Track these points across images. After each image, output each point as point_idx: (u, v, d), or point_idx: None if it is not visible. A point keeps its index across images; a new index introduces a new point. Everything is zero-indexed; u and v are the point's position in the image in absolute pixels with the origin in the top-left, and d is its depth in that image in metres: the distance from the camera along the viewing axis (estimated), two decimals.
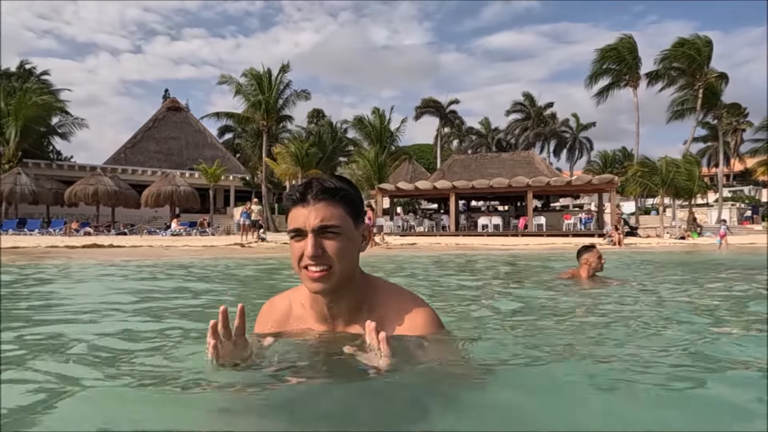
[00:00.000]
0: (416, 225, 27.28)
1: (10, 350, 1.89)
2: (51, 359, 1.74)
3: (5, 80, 29.66)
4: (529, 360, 1.67)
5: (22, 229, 23.50)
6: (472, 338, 1.89)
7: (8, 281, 5.23)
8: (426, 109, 49.06)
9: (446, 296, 4.15)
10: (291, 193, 1.38)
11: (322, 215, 1.33)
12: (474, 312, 3.07)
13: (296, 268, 1.38)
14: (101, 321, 2.65)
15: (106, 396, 1.32)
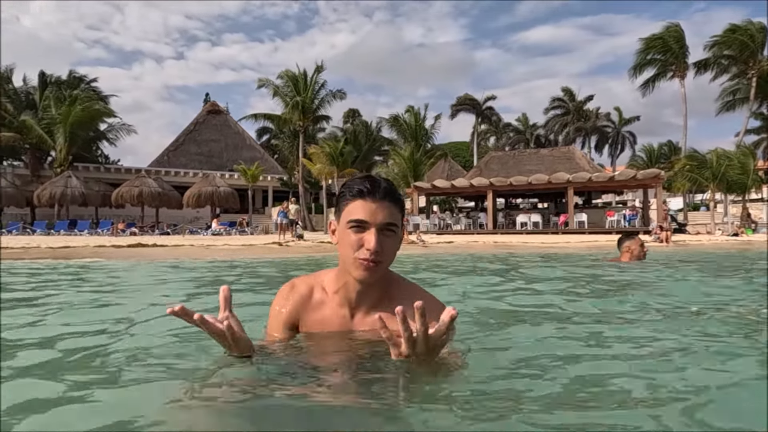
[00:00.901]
0: (453, 223, 26.96)
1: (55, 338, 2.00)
2: (93, 347, 1.82)
3: (56, 88, 31.08)
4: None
5: (73, 229, 24.58)
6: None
7: (61, 277, 5.45)
8: (462, 107, 48.53)
9: (481, 290, 3.99)
10: (355, 186, 1.48)
11: (388, 214, 1.46)
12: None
13: (347, 257, 1.48)
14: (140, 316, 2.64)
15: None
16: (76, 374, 1.49)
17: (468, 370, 1.42)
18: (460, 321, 1.95)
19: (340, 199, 1.52)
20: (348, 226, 1.46)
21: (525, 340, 1.93)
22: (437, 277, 5.19)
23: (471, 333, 1.99)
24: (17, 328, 2.27)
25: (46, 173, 29.67)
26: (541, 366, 1.53)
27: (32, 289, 4.32)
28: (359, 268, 1.46)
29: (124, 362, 1.59)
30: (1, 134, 28.25)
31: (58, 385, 1.35)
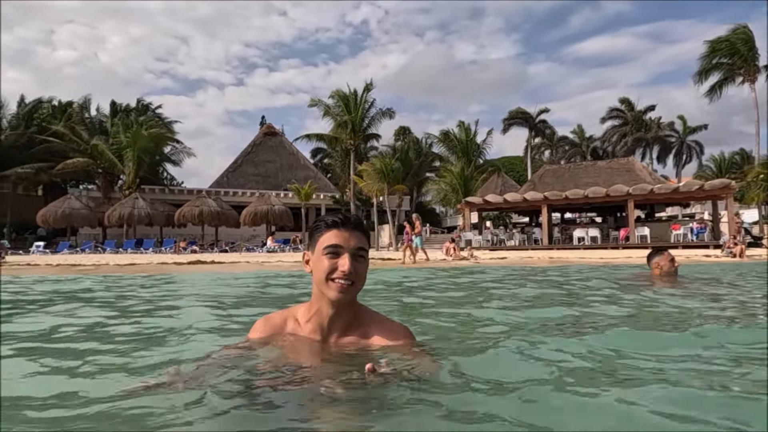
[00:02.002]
0: (506, 239, 26.33)
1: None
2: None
3: (124, 115, 33.25)
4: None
5: (139, 248, 25.98)
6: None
7: (127, 290, 5.76)
8: (514, 121, 47.75)
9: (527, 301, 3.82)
10: (329, 218, 1.67)
11: (359, 240, 1.65)
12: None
13: (321, 280, 1.63)
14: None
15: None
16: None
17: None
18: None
19: (314, 232, 1.69)
20: (324, 252, 1.62)
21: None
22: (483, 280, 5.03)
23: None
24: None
25: (116, 195, 31.61)
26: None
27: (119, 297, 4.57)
28: (333, 291, 1.61)
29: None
30: (77, 160, 30.45)
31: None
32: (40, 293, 5.83)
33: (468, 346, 2.23)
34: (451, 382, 1.53)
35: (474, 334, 2.56)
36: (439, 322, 2.97)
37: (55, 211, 26.74)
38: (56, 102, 35.14)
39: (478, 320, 3.07)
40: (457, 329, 2.75)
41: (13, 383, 1.65)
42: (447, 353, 1.93)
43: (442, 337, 2.43)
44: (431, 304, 4.13)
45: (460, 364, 1.73)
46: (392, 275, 9.21)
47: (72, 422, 1.26)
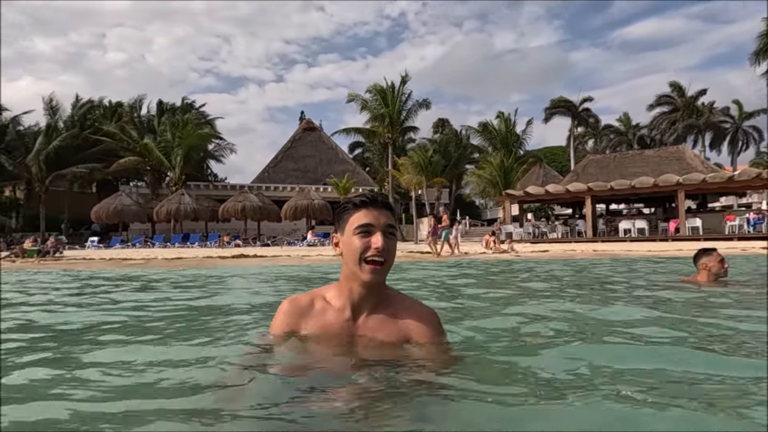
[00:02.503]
0: (549, 231, 25.76)
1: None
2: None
3: (170, 114, 34.38)
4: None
5: (186, 242, 26.91)
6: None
7: (178, 281, 6.01)
8: (556, 110, 46.45)
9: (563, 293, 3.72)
10: (357, 199, 1.68)
11: (388, 218, 1.67)
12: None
13: (355, 261, 1.63)
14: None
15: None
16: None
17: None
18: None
19: (343, 213, 1.70)
20: (355, 232, 1.63)
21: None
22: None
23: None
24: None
25: (164, 192, 32.79)
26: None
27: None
28: (367, 271, 1.63)
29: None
30: (129, 158, 31.77)
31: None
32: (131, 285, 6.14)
33: (491, 339, 2.23)
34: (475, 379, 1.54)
35: (497, 328, 2.52)
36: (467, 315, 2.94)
37: (108, 208, 28.01)
38: (107, 102, 36.72)
39: (500, 313, 3.02)
40: (483, 324, 2.71)
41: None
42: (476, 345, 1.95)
43: (474, 329, 2.40)
44: (466, 297, 4.09)
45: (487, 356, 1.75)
46: (422, 269, 9.19)
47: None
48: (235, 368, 1.66)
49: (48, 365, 1.81)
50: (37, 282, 7.29)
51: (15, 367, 1.79)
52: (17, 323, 2.97)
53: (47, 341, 2.40)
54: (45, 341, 2.40)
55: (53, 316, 3.37)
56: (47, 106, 33.29)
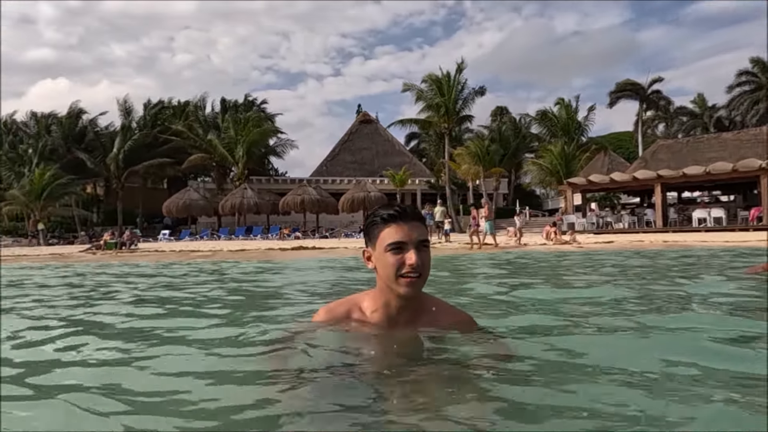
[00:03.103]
0: (614, 221, 24.62)
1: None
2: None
3: (233, 112, 35.73)
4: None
5: (249, 235, 27.98)
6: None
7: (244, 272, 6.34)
8: (622, 94, 44.05)
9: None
10: (385, 213, 1.64)
11: (421, 232, 1.63)
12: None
13: (391, 277, 1.61)
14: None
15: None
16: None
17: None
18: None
19: (372, 228, 1.67)
20: (387, 249, 1.60)
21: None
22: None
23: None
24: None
25: (229, 186, 34.22)
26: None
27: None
28: (404, 286, 1.61)
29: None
30: (197, 155, 33.38)
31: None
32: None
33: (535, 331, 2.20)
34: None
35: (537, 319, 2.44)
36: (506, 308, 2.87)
37: (177, 202, 29.60)
38: (176, 102, 38.69)
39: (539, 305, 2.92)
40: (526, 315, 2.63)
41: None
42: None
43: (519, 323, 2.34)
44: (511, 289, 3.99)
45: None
46: (469, 260, 9.05)
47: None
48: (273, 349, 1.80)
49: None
50: (120, 274, 7.84)
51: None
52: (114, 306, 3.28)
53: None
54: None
55: (137, 304, 3.63)
56: (122, 107, 35.56)
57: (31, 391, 1.47)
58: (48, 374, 1.65)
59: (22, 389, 1.49)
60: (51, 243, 27.28)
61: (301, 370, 1.51)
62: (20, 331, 2.43)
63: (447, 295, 3.18)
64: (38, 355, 1.96)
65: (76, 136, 34.54)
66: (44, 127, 33.81)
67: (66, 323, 2.73)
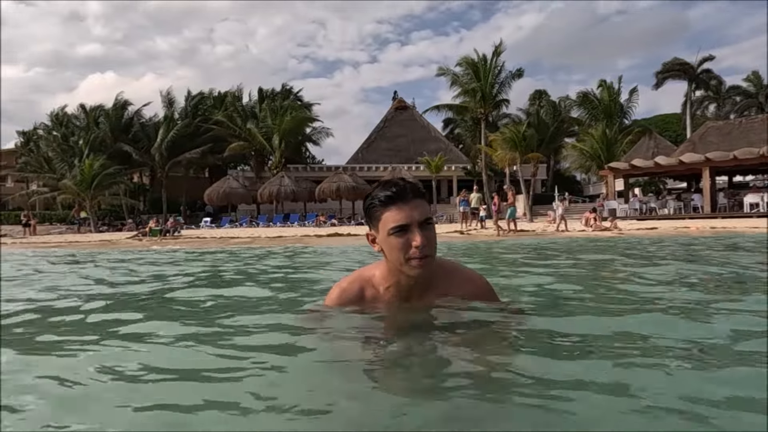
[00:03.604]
0: (659, 207, 23.74)
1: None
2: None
3: (270, 101, 36.23)
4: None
5: (286, 222, 28.50)
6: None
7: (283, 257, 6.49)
8: (669, 74, 42.06)
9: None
10: (383, 194, 1.57)
11: (422, 210, 1.57)
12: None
13: (399, 260, 1.58)
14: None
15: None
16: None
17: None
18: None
19: (371, 211, 1.61)
20: (390, 233, 1.56)
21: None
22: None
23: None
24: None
25: (266, 174, 34.85)
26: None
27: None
28: (414, 268, 1.58)
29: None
30: (236, 144, 34.13)
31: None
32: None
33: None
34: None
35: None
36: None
37: (218, 191, 30.41)
38: (216, 93, 39.54)
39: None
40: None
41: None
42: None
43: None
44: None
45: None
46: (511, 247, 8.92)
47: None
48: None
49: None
50: (170, 260, 8.17)
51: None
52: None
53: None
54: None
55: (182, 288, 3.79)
56: (165, 99, 36.69)
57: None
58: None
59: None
60: (101, 230, 28.62)
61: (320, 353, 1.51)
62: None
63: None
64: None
65: (123, 128, 35.89)
66: (93, 120, 35.25)
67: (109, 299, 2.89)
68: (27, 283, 4.54)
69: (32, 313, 2.51)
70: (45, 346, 1.78)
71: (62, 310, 2.67)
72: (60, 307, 2.78)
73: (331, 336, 1.65)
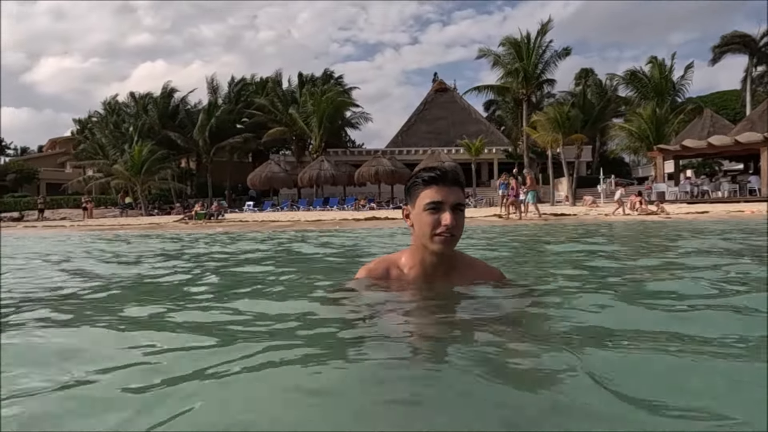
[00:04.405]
0: (711, 190, 22.61)
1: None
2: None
3: (311, 85, 36.51)
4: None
5: (326, 206, 28.89)
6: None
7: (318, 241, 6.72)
8: (728, 48, 39.49)
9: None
10: (427, 175, 1.76)
11: (459, 196, 1.76)
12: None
13: (427, 235, 1.74)
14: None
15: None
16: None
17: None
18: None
19: (413, 188, 1.79)
20: (425, 208, 1.72)
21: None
22: None
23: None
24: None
25: (307, 159, 35.33)
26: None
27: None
28: (438, 243, 1.73)
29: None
30: (277, 129, 34.71)
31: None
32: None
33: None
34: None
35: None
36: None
37: (260, 175, 31.11)
38: (258, 78, 40.20)
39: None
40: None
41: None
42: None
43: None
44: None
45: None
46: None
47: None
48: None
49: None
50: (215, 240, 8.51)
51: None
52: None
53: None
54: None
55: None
56: (209, 86, 37.58)
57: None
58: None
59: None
60: (152, 213, 29.91)
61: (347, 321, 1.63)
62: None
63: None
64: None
65: (170, 114, 37.11)
66: (142, 107, 36.60)
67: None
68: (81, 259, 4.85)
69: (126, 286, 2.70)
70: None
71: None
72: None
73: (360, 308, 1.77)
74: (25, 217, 30.12)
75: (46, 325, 1.79)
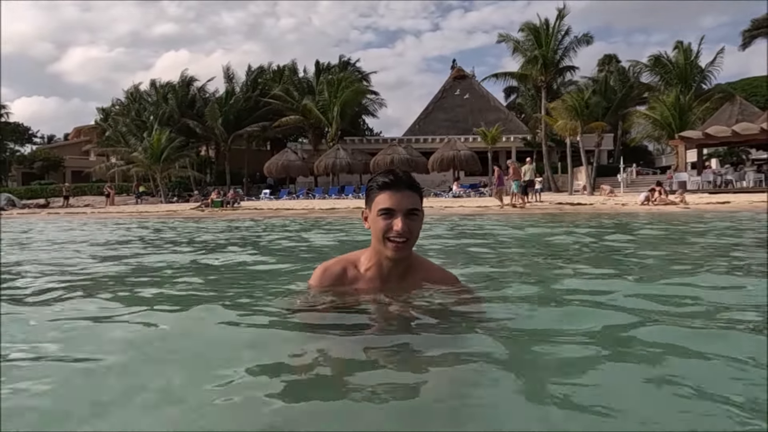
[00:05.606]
0: (736, 180, 21.94)
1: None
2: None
3: (327, 74, 36.38)
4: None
5: (341, 194, 28.96)
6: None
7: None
8: (759, 32, 38.00)
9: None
10: (380, 180, 1.79)
11: (411, 201, 1.77)
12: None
13: (380, 239, 1.77)
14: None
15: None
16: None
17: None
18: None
19: (369, 192, 1.83)
20: (378, 214, 1.76)
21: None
22: None
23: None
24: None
25: (323, 147, 35.35)
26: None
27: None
28: (391, 249, 1.77)
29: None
30: (290, 117, 34.76)
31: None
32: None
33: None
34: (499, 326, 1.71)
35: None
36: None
37: (277, 163, 31.29)
38: (275, 67, 40.23)
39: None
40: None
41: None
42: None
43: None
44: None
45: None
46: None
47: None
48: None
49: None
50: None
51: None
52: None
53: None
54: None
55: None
56: (226, 74, 37.79)
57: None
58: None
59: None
60: (171, 201, 30.42)
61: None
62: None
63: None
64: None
65: (188, 103, 37.47)
66: (162, 96, 37.04)
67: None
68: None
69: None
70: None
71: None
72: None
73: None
74: (50, 203, 30.97)
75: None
